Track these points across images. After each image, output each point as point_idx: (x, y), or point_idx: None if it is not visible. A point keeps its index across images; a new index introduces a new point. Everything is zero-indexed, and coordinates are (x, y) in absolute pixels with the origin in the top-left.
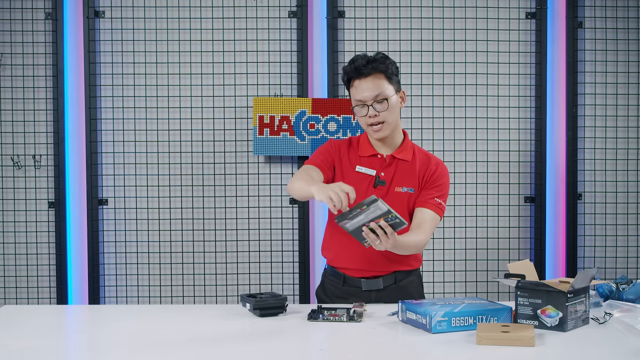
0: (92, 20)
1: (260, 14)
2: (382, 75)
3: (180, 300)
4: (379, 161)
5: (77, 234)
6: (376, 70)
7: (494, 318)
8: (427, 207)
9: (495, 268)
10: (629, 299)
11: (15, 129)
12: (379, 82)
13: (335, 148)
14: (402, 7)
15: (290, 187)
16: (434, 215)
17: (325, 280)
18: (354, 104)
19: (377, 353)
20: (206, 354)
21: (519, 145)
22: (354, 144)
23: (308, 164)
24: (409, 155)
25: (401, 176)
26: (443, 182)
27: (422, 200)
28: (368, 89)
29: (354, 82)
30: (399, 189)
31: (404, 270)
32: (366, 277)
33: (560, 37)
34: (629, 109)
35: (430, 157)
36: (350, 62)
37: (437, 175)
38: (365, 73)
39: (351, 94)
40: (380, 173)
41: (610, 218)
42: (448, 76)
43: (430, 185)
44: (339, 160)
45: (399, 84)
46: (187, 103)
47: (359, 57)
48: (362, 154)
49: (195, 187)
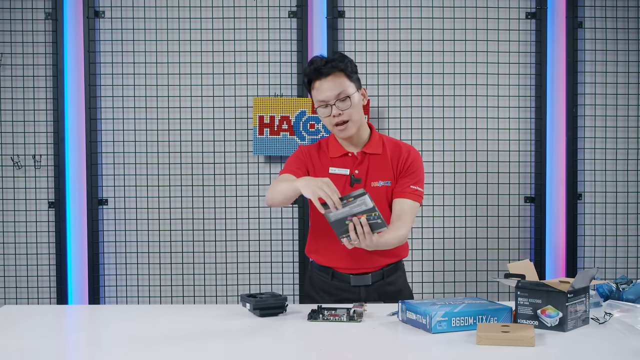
0: (92, 20)
1: (260, 14)
2: (342, 74)
3: (180, 300)
4: (350, 160)
5: (77, 234)
6: (336, 69)
7: (494, 318)
8: (405, 197)
9: (495, 268)
10: (629, 299)
11: (15, 129)
12: (339, 80)
13: (306, 153)
14: (402, 7)
15: (270, 195)
16: (412, 203)
17: (313, 275)
18: (317, 105)
19: (377, 353)
20: (206, 354)
21: (519, 145)
22: (323, 146)
23: (283, 173)
24: (379, 148)
25: (375, 170)
26: (417, 167)
27: (399, 190)
28: (329, 88)
29: (315, 83)
30: (375, 184)
31: (392, 265)
32: (355, 274)
33: (560, 37)
34: (629, 109)
35: (400, 145)
36: (309, 63)
37: (410, 162)
38: (325, 72)
39: (313, 95)
40: (355, 171)
41: (610, 218)
42: (448, 76)
43: (405, 173)
44: (312, 165)
45: (359, 82)
46: (187, 103)
47: (317, 58)
48: (332, 155)
49: (195, 187)
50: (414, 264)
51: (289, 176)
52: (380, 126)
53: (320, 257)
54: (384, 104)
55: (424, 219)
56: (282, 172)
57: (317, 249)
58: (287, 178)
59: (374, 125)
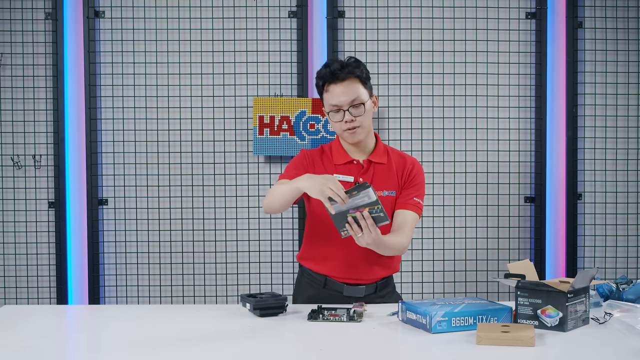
0: (92, 20)
1: (260, 14)
2: (358, 80)
3: (180, 300)
4: (355, 167)
5: (77, 234)
6: (352, 74)
7: (494, 318)
8: (408, 209)
9: (495, 268)
10: (629, 299)
11: (15, 129)
12: (354, 86)
13: (309, 158)
14: (402, 7)
15: (269, 200)
16: (414, 215)
17: (304, 281)
18: (328, 109)
19: (377, 353)
20: (206, 354)
21: (519, 145)
22: (326, 152)
23: (282, 179)
24: (384, 158)
25: (380, 180)
26: (419, 180)
27: (402, 201)
28: (344, 93)
29: (329, 86)
30: (380, 193)
31: (385, 279)
32: (348, 284)
33: (560, 37)
34: (629, 109)
35: (405, 157)
36: (325, 66)
37: (414, 174)
38: (341, 77)
39: (325, 98)
40: (359, 179)
41: (610, 218)
42: (448, 76)
43: (409, 184)
44: (313, 170)
45: (372, 89)
46: (187, 103)
47: (334, 61)
48: (337, 162)
49: (195, 187)
50: (414, 263)
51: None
52: (380, 126)
53: (315, 264)
54: (384, 104)
55: (424, 219)
56: (281, 177)
57: (313, 256)
58: (286, 183)
59: (374, 129)
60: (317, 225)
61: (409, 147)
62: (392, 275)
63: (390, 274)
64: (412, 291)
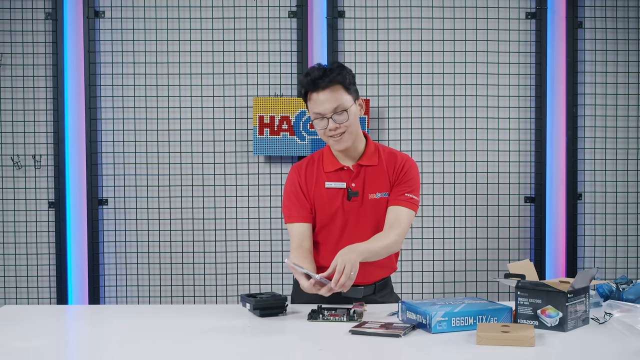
0: (92, 20)
1: (260, 14)
2: (340, 87)
3: (180, 300)
4: (346, 173)
5: (77, 234)
6: (334, 82)
7: (494, 318)
8: (400, 205)
9: (495, 268)
10: (629, 299)
11: (15, 129)
12: (337, 93)
13: (301, 177)
14: (402, 7)
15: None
16: (408, 211)
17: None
18: (313, 117)
19: (377, 353)
20: (206, 354)
21: (519, 145)
22: (317, 160)
23: (289, 223)
24: (375, 159)
25: (372, 182)
26: (412, 176)
27: (394, 197)
28: (327, 101)
29: (311, 95)
30: (372, 196)
31: (383, 280)
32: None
33: (560, 37)
34: (629, 109)
35: (396, 155)
36: (306, 74)
37: (405, 170)
38: (322, 86)
39: (309, 106)
40: (351, 184)
41: (610, 218)
42: (448, 76)
43: (399, 181)
44: (305, 186)
45: (357, 93)
46: (187, 103)
47: (314, 69)
48: (327, 169)
49: (195, 187)
50: (414, 263)
51: (298, 234)
52: (380, 126)
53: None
54: (384, 104)
55: (425, 219)
56: (286, 219)
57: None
58: (301, 243)
59: (374, 129)
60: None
61: (409, 147)
62: (390, 276)
63: (388, 274)
64: (412, 291)
